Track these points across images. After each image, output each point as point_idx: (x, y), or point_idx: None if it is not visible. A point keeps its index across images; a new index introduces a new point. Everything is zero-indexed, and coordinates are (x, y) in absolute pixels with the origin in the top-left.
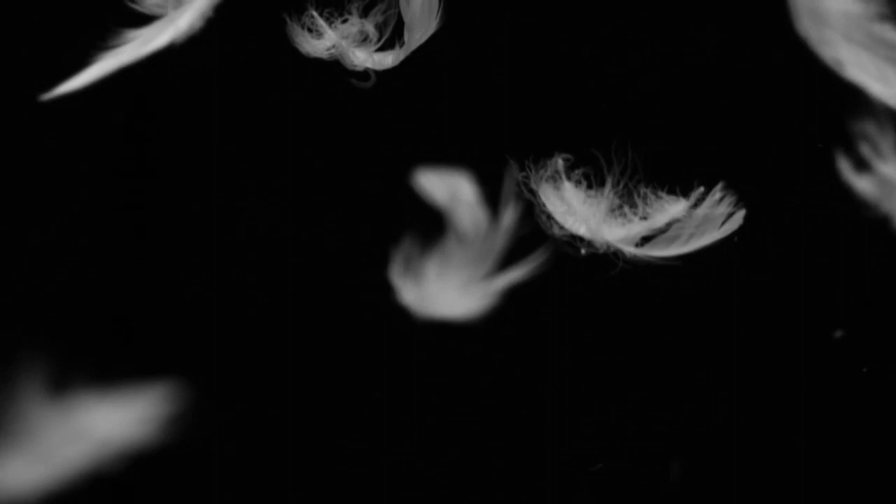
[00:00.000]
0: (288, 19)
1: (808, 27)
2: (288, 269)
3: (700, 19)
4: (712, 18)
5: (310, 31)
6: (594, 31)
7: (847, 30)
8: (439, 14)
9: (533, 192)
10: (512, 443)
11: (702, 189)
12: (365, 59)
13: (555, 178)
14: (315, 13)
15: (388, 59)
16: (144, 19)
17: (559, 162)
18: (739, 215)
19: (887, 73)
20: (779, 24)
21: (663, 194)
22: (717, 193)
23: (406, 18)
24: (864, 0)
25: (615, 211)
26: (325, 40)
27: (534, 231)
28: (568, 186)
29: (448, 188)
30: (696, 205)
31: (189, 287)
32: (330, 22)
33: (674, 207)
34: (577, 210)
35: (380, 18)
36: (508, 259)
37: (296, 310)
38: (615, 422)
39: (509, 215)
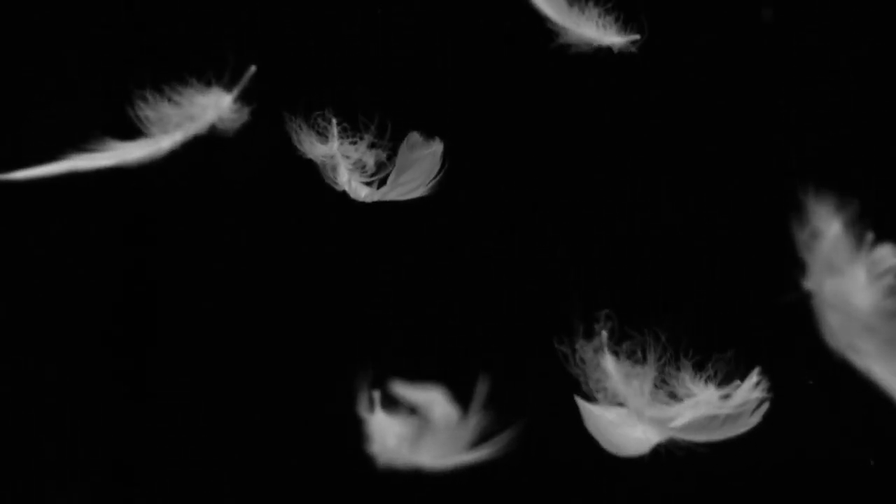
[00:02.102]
0: (290, 117)
1: (835, 327)
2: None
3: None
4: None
5: (318, 133)
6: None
7: (877, 326)
8: (432, 183)
9: (579, 364)
10: None
11: (738, 382)
12: (346, 180)
13: (598, 351)
14: (335, 119)
15: (361, 192)
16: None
17: (603, 335)
18: (763, 408)
19: None
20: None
21: (699, 378)
22: (753, 378)
23: (398, 163)
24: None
25: (656, 391)
26: (327, 147)
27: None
28: (611, 361)
29: (423, 398)
30: (730, 393)
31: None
32: (342, 135)
33: (708, 395)
34: (619, 388)
35: (383, 158)
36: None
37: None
38: None
39: (477, 417)
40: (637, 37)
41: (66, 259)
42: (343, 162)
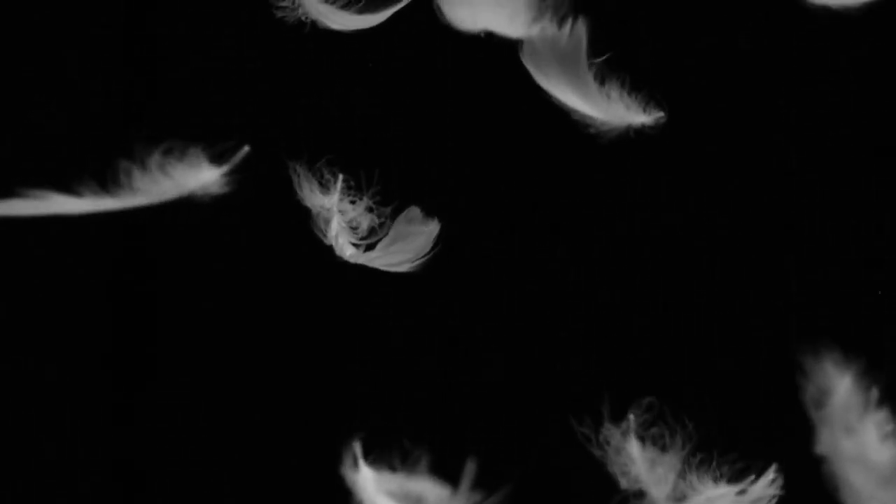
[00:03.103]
0: (294, 166)
1: (855, 484)
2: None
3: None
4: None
5: (321, 184)
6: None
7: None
8: (418, 262)
9: (603, 446)
10: None
11: (752, 477)
12: (334, 235)
13: (625, 436)
14: (341, 175)
15: (346, 251)
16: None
17: (631, 418)
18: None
19: None
20: None
21: (716, 474)
22: (769, 475)
23: (392, 233)
24: None
25: (679, 480)
26: (325, 200)
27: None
28: (637, 447)
29: (414, 488)
30: (745, 489)
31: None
32: (343, 192)
33: (724, 490)
34: (643, 474)
35: (377, 223)
36: None
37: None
38: None
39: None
40: (661, 114)
41: (67, 259)
42: (337, 217)
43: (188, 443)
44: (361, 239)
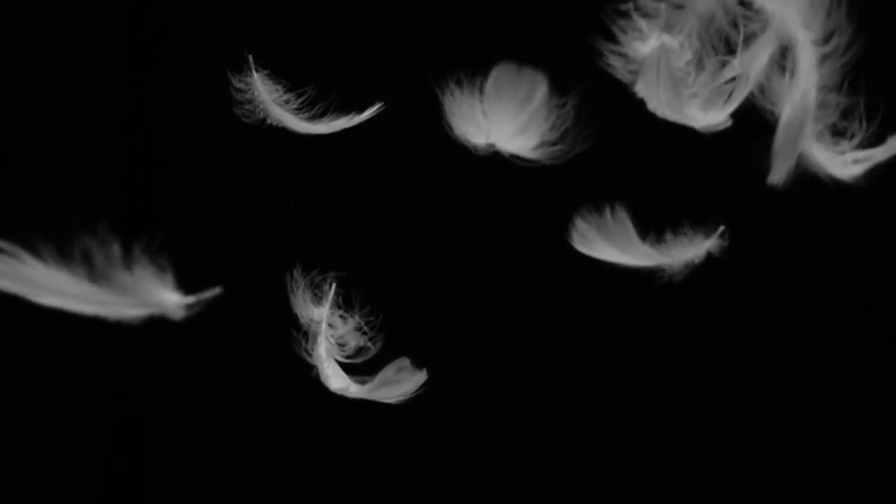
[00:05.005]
0: (292, 275)
1: None
2: None
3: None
4: None
5: (314, 295)
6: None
7: None
8: (397, 398)
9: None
10: None
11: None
12: (321, 356)
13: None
14: (335, 285)
15: (333, 382)
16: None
17: None
18: None
19: None
20: None
21: None
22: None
23: (380, 378)
24: None
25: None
26: (317, 311)
27: None
28: None
29: None
30: None
31: None
32: (334, 308)
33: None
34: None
35: (362, 344)
36: None
37: None
38: None
39: None
40: (721, 225)
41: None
42: (326, 332)
43: (189, 443)
44: (347, 358)
